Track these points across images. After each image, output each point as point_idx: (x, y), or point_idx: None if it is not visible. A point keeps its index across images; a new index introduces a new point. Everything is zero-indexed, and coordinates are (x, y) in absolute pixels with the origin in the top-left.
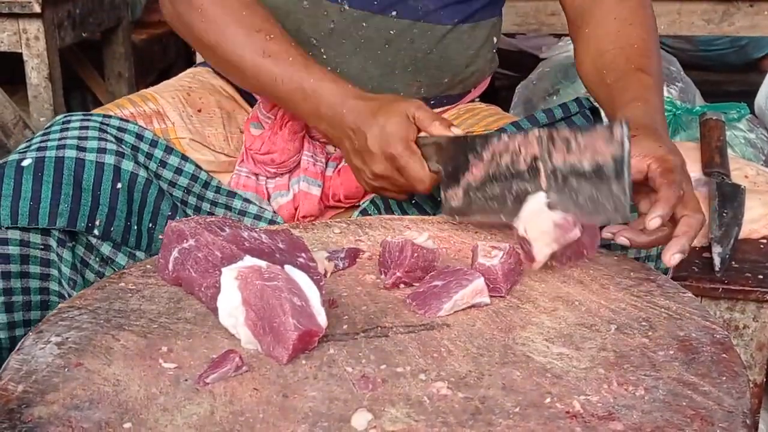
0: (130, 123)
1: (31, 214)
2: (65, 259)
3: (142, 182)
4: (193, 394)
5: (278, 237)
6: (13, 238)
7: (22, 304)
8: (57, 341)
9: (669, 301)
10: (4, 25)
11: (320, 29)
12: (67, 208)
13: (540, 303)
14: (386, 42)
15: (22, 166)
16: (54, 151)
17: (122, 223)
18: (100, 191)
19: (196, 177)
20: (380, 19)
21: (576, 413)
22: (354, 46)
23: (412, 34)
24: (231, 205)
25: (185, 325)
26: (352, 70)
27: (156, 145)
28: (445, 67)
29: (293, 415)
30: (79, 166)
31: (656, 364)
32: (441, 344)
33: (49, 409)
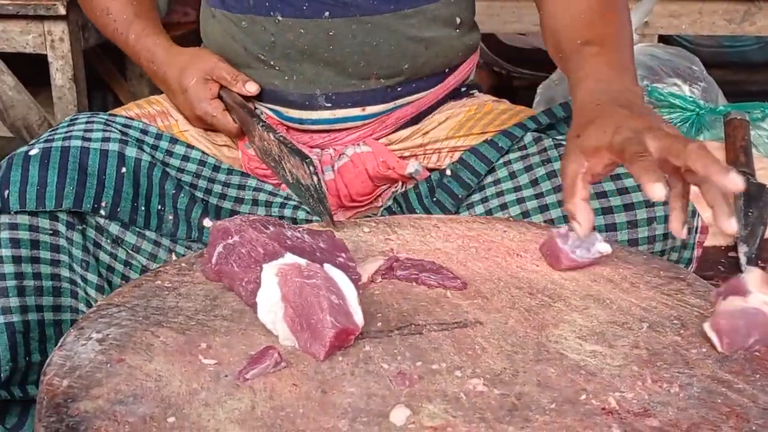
0: (135, 121)
1: (38, 197)
2: (75, 242)
3: (146, 166)
4: (234, 389)
5: (319, 237)
6: (22, 223)
7: (33, 288)
8: (98, 338)
9: (699, 299)
10: (29, 27)
11: (263, 44)
12: (72, 190)
13: (571, 301)
14: (329, 43)
15: (30, 155)
16: (60, 142)
17: (129, 204)
18: (105, 176)
19: (204, 162)
20: (315, 23)
21: (612, 410)
22: (300, 53)
23: (351, 30)
24: (245, 184)
25: (222, 322)
26: (307, 77)
27: (161, 137)
28: (398, 54)
29: (333, 410)
30: (84, 154)
31: (689, 361)
32: (475, 341)
33: (95, 403)
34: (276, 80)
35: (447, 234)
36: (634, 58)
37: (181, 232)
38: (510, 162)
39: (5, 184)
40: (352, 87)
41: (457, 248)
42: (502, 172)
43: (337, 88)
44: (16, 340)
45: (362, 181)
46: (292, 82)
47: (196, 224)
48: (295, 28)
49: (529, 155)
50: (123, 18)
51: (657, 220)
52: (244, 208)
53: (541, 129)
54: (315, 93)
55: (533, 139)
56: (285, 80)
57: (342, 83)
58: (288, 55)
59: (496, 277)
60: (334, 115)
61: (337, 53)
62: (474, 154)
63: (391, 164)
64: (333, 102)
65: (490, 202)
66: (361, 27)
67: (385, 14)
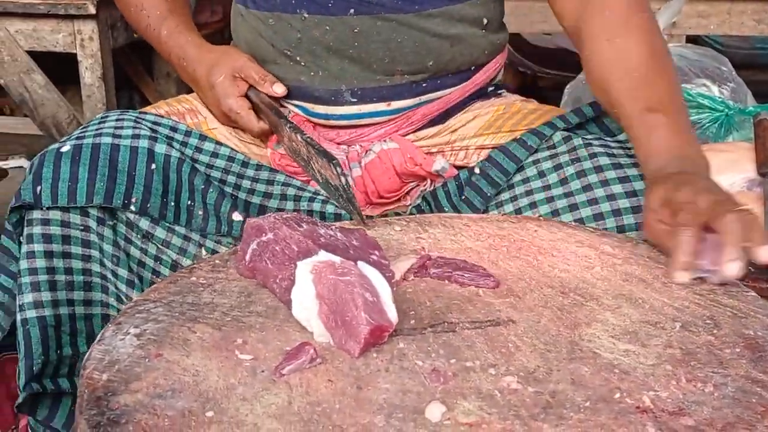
0: (165, 119)
1: (69, 194)
2: (106, 237)
3: (175, 162)
4: (271, 384)
5: (352, 235)
6: (54, 219)
7: (65, 283)
8: (136, 333)
9: (733, 299)
10: (59, 26)
11: (289, 41)
12: (103, 186)
13: (603, 301)
14: (354, 39)
15: (61, 152)
16: (91, 139)
17: (158, 200)
18: (135, 172)
19: (233, 158)
20: (340, 20)
21: (646, 408)
22: (325, 50)
23: (376, 28)
24: (274, 179)
25: (257, 319)
26: (332, 73)
27: (190, 134)
28: (424, 51)
29: (368, 406)
30: (114, 150)
31: (723, 361)
32: (508, 340)
33: (134, 397)
34: (302, 76)
35: (477, 233)
36: None
37: (210, 226)
38: (539, 161)
39: (37, 181)
40: (377, 82)
41: (488, 247)
42: (531, 171)
43: (363, 83)
44: (47, 334)
45: (389, 177)
46: (318, 78)
47: (226, 218)
48: (321, 25)
49: (559, 154)
50: (156, 14)
51: None
52: (272, 203)
53: (571, 128)
54: (340, 88)
55: (562, 139)
56: (311, 76)
57: (367, 78)
58: (314, 52)
59: (528, 276)
60: (360, 110)
61: (362, 49)
62: (503, 153)
63: (418, 160)
64: (358, 97)
65: (519, 200)
66: (386, 24)
67: (409, 13)
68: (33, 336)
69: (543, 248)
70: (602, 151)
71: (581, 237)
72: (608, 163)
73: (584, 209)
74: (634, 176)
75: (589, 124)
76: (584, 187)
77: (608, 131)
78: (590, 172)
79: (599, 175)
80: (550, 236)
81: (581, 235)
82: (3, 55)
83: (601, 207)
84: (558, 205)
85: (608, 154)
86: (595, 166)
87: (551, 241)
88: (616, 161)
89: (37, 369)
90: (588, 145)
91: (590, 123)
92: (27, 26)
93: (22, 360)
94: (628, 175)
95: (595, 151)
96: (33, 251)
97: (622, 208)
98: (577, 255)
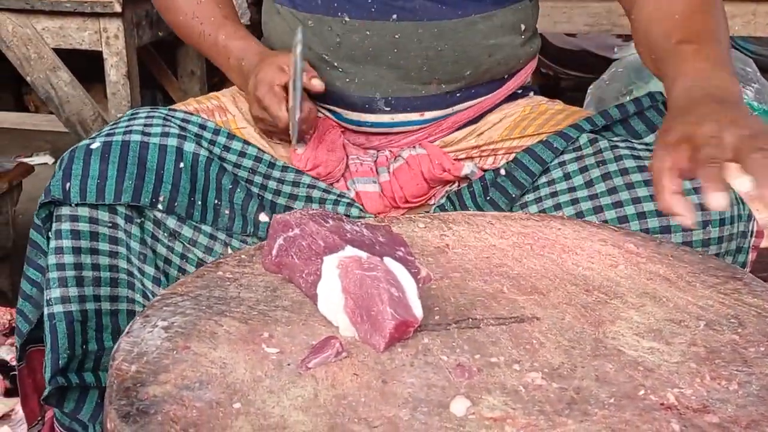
0: (193, 116)
1: (98, 191)
2: (134, 234)
3: (203, 161)
4: (297, 377)
5: (378, 231)
6: (82, 215)
7: (92, 279)
8: (163, 325)
9: (757, 299)
10: (86, 24)
11: (328, 44)
12: (131, 185)
13: (627, 299)
14: (393, 46)
15: (91, 149)
16: (121, 136)
17: (186, 198)
18: (164, 170)
19: (260, 158)
20: (382, 25)
21: (671, 405)
22: (364, 54)
23: (417, 35)
24: (299, 181)
25: (283, 313)
26: (369, 78)
27: (218, 133)
28: (463, 61)
29: (393, 399)
30: (144, 148)
31: (748, 360)
32: (532, 336)
33: (162, 388)
34: (337, 81)
35: (502, 231)
36: None
37: (237, 226)
38: (565, 163)
39: (67, 177)
40: (412, 92)
41: (512, 245)
42: (556, 172)
43: (398, 93)
44: (74, 329)
45: (417, 183)
46: (354, 85)
47: (252, 219)
48: (362, 29)
49: (584, 156)
50: (211, 20)
51: (712, 224)
52: (298, 204)
53: (597, 130)
54: (375, 96)
55: (588, 141)
56: (346, 82)
57: (403, 88)
58: (352, 57)
59: (552, 273)
60: (393, 119)
61: (401, 57)
62: (528, 154)
63: (446, 167)
64: (392, 106)
65: (544, 202)
66: (428, 32)
67: (452, 20)
68: (59, 331)
69: (567, 246)
70: (628, 153)
71: (605, 235)
72: (634, 165)
73: (609, 212)
74: None
75: (615, 126)
76: (609, 189)
77: (635, 134)
78: (616, 174)
79: (624, 177)
80: (574, 234)
81: (605, 233)
82: (30, 53)
83: (625, 210)
84: (582, 207)
85: (634, 157)
86: (621, 169)
87: (575, 239)
88: (642, 164)
89: (63, 363)
90: (614, 147)
91: (617, 125)
92: (54, 24)
93: (49, 354)
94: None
95: (621, 154)
96: (61, 247)
97: (647, 211)
98: (600, 253)
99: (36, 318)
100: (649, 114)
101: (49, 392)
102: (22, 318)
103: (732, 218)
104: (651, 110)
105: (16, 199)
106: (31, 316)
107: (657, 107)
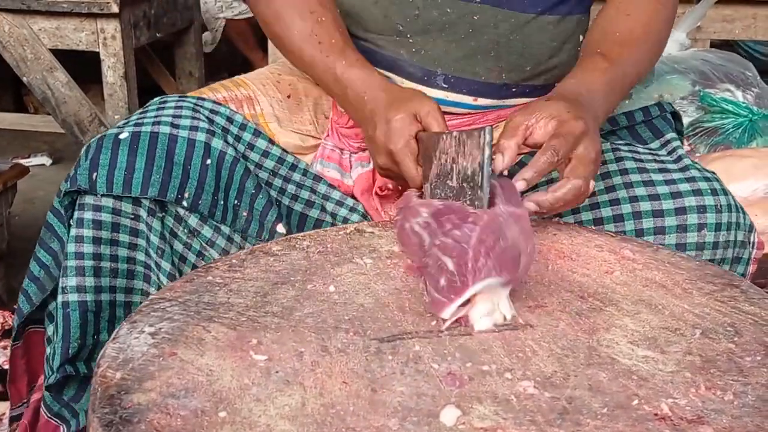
0: (222, 106)
1: (125, 183)
2: (155, 229)
3: (230, 160)
4: (284, 385)
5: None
6: (106, 206)
7: (109, 270)
8: (150, 331)
9: (754, 307)
10: (83, 24)
11: (406, 15)
12: (158, 179)
13: (623, 306)
14: (470, 27)
15: (120, 138)
16: (150, 127)
17: (210, 197)
18: (191, 166)
19: (283, 160)
20: (465, 4)
21: (664, 416)
22: (439, 30)
23: (495, 20)
24: (316, 189)
25: (273, 319)
26: (436, 53)
27: (245, 128)
28: (527, 55)
29: (383, 409)
30: (173, 142)
31: (744, 369)
32: (525, 344)
33: (147, 396)
34: (403, 50)
35: None
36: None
37: (252, 229)
38: None
39: (94, 167)
40: (472, 75)
41: None
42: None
43: (458, 72)
44: (87, 319)
45: None
46: (419, 56)
47: (269, 227)
48: (444, 5)
49: None
50: (331, 42)
51: (707, 227)
52: (313, 212)
53: (602, 134)
54: (436, 71)
55: None
56: (412, 52)
57: (465, 69)
58: (427, 30)
59: (547, 280)
60: (447, 96)
61: (473, 38)
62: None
63: None
64: (450, 84)
65: None
66: (505, 20)
67: (529, 14)
68: (73, 320)
69: (562, 252)
70: (629, 155)
71: (601, 241)
72: (634, 167)
73: (605, 209)
74: (658, 181)
75: (621, 131)
76: (607, 188)
77: (640, 139)
78: (615, 174)
79: (623, 177)
80: (570, 240)
81: (601, 239)
82: (26, 53)
83: (622, 208)
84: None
85: (635, 159)
86: (621, 169)
87: (571, 245)
88: (642, 166)
89: (73, 352)
90: (616, 149)
91: (622, 131)
92: (50, 24)
93: (60, 342)
94: (652, 179)
95: (623, 155)
96: (82, 236)
97: (642, 210)
98: (596, 259)
99: (39, 300)
100: (656, 122)
101: (55, 380)
102: (25, 299)
103: (729, 225)
104: (659, 119)
105: (11, 201)
106: (35, 298)
107: (665, 116)
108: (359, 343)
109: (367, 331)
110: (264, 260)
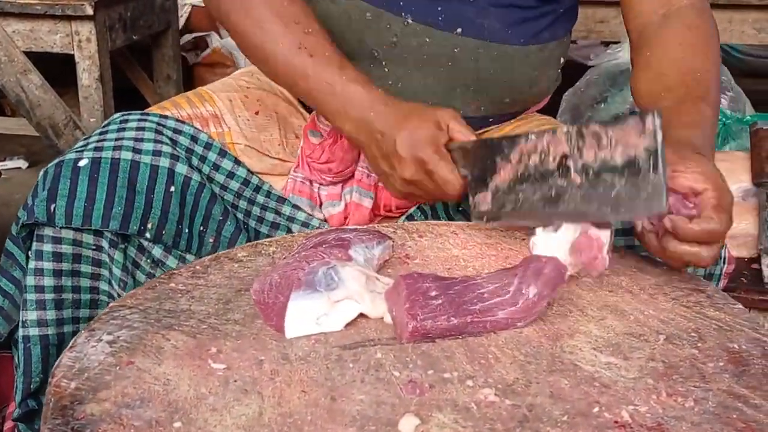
0: (186, 125)
1: (85, 215)
2: (116, 261)
3: (195, 186)
4: (242, 395)
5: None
6: (66, 237)
7: (71, 301)
8: (108, 339)
9: (719, 312)
10: (57, 26)
11: (383, 42)
12: (120, 210)
13: (588, 311)
14: (449, 60)
15: (79, 166)
16: (110, 152)
17: (174, 226)
18: (154, 194)
19: (248, 181)
20: (444, 35)
21: (624, 423)
22: (416, 61)
23: (476, 54)
24: (281, 211)
25: (234, 327)
26: (414, 86)
27: (210, 147)
28: (508, 88)
29: (341, 418)
30: (134, 169)
31: (706, 375)
32: (488, 351)
33: (101, 406)
34: (378, 81)
35: (465, 241)
36: None
37: None
38: None
39: (52, 198)
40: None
41: (474, 256)
42: None
43: (437, 105)
44: (48, 353)
45: None
46: (395, 88)
47: None
48: (422, 35)
49: None
50: (325, 56)
51: None
52: (279, 233)
53: None
54: None
55: None
56: (389, 84)
57: (444, 102)
58: (404, 60)
59: None
60: None
61: (453, 72)
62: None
63: None
64: None
65: None
66: (486, 52)
67: (514, 46)
68: (34, 354)
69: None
70: None
71: None
72: None
73: None
74: None
75: None
76: None
77: None
78: None
79: None
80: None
81: None
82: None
83: None
84: None
85: None
86: None
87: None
88: None
89: (35, 387)
90: None
91: None
92: (24, 26)
93: (21, 377)
94: None
95: None
96: (42, 269)
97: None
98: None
99: (7, 332)
100: None
101: (19, 415)
102: None
103: None
104: None
105: None
106: (2, 329)
107: None
108: (321, 350)
109: (329, 339)
110: (228, 266)
